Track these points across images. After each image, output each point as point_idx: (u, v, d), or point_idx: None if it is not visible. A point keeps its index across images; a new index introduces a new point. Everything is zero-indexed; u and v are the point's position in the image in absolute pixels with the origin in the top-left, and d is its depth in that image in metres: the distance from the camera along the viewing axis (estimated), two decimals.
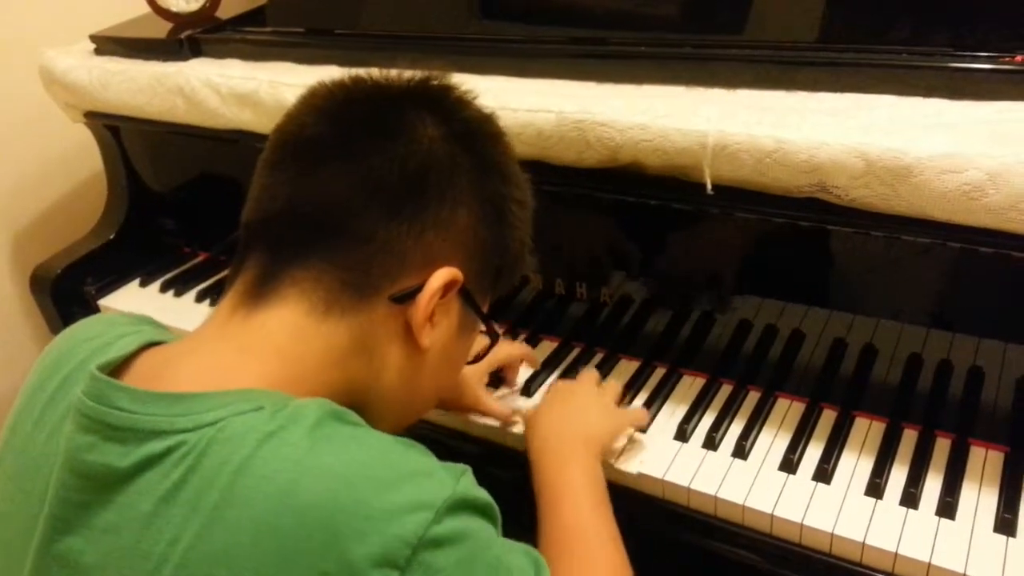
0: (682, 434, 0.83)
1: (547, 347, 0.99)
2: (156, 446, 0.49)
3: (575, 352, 0.98)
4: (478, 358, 0.72)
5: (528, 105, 0.83)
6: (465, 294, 0.61)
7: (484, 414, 0.88)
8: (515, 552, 0.54)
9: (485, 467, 0.82)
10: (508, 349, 0.91)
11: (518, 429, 0.85)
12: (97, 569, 0.49)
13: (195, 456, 0.48)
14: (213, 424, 0.49)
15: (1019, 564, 0.67)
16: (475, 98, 0.63)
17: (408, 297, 0.58)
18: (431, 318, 0.59)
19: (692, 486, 0.77)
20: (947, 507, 0.72)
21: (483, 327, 0.67)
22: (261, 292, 0.57)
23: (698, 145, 0.75)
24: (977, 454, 0.78)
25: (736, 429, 0.83)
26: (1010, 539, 0.69)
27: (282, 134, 0.60)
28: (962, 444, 0.79)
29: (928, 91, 0.75)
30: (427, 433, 0.89)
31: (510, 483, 0.80)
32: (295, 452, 0.48)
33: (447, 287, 0.58)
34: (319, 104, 0.60)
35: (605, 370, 0.94)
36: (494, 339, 0.68)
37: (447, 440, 0.90)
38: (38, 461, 0.54)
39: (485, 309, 0.65)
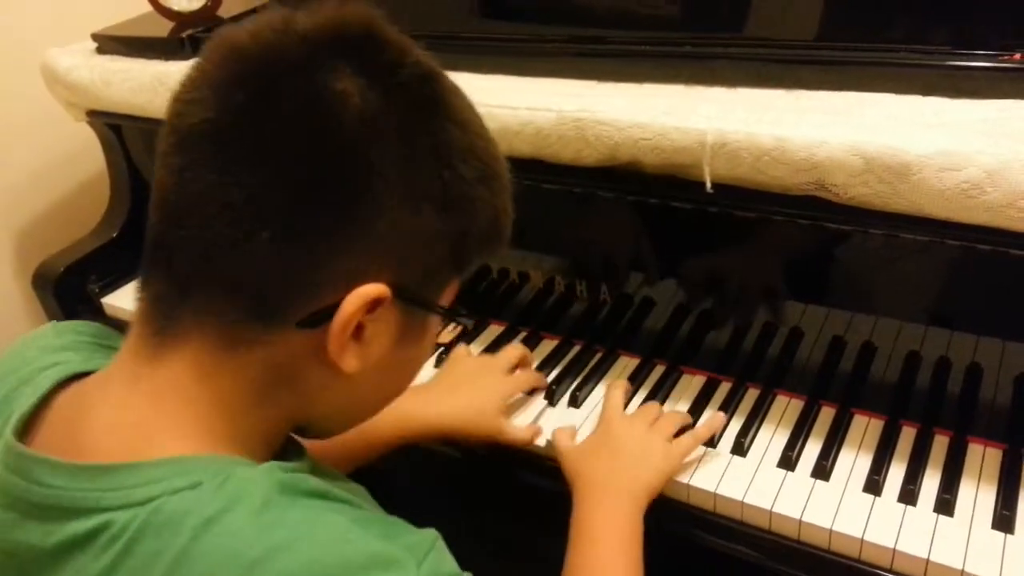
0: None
1: (547, 345, 1.00)
2: (81, 525, 0.44)
3: (575, 349, 0.98)
4: (446, 344, 0.65)
5: (528, 103, 0.83)
6: (407, 297, 0.50)
7: (507, 444, 0.83)
8: None
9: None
10: (528, 380, 0.90)
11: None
12: None
13: (126, 541, 0.43)
14: (144, 504, 0.43)
15: (1017, 561, 0.67)
16: (410, 46, 0.49)
17: (319, 322, 0.47)
18: (359, 336, 0.49)
19: (691, 483, 0.78)
20: (945, 504, 0.73)
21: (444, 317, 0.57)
22: (162, 327, 0.48)
23: (697, 143, 0.75)
24: (975, 451, 0.78)
25: (735, 426, 0.83)
26: (1008, 536, 0.70)
27: (171, 116, 0.48)
28: (960, 441, 0.79)
29: (927, 89, 0.75)
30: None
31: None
32: (238, 544, 0.42)
33: (372, 304, 0.48)
34: (210, 73, 0.47)
35: (605, 367, 0.94)
36: (464, 327, 0.62)
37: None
38: None
39: (448, 299, 0.55)
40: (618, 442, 0.77)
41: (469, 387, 0.85)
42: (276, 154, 0.45)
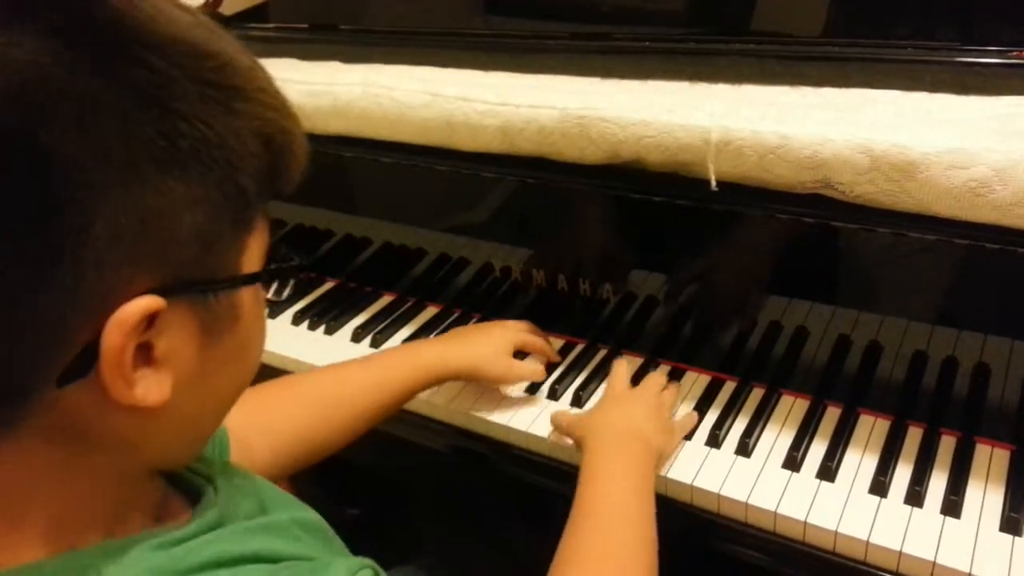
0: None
1: (551, 344, 0.99)
2: None
3: (578, 348, 0.98)
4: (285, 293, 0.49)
5: (531, 101, 0.83)
6: (191, 288, 0.40)
7: (517, 380, 0.90)
8: None
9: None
10: (531, 338, 0.94)
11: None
12: None
13: None
14: None
15: None
16: None
17: (84, 370, 0.38)
18: (151, 359, 0.39)
19: (695, 484, 0.77)
20: (952, 505, 0.72)
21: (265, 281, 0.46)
22: None
23: (701, 141, 0.74)
24: (983, 452, 0.77)
25: (739, 426, 0.83)
26: (1016, 538, 0.69)
27: None
28: (968, 442, 0.78)
29: (934, 86, 0.74)
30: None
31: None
32: None
33: (146, 322, 0.38)
34: None
35: (608, 366, 0.94)
36: (291, 273, 0.48)
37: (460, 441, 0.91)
38: None
39: (256, 260, 0.44)
40: (629, 400, 0.81)
41: (481, 335, 0.91)
42: None
